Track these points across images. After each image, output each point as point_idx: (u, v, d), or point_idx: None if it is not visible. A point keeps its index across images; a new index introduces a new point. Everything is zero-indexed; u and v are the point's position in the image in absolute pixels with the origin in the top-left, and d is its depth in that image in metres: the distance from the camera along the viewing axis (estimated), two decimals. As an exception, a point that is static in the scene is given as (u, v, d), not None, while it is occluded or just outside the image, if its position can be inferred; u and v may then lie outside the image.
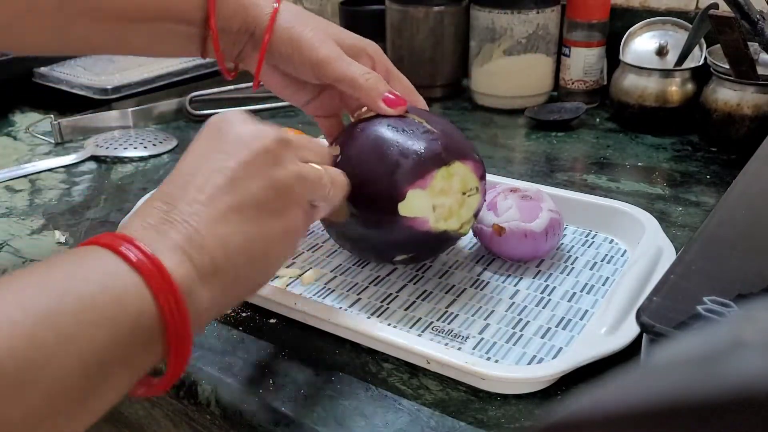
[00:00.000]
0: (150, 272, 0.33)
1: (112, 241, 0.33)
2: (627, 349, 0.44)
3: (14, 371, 0.28)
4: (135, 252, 0.33)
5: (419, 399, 0.44)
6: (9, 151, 0.88)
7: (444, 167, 0.50)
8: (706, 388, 0.13)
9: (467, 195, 0.52)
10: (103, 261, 0.33)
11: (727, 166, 0.76)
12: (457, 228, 0.52)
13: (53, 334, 0.29)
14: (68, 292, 0.31)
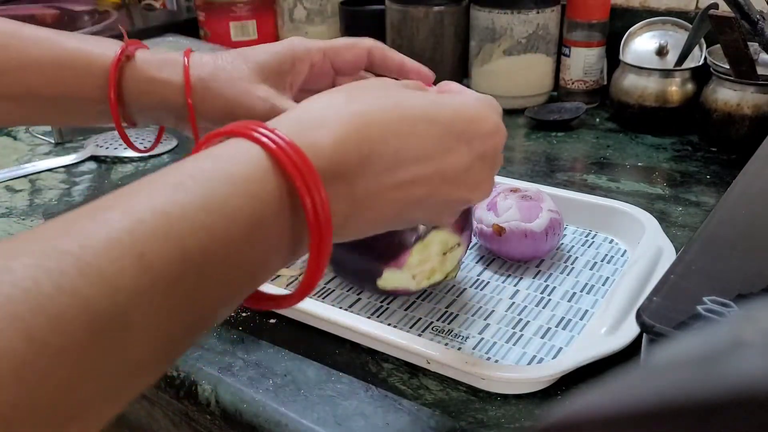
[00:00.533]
0: (296, 166, 0.30)
1: (253, 131, 0.30)
2: (627, 349, 0.44)
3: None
4: (277, 140, 0.30)
5: (419, 399, 0.44)
6: (9, 151, 0.88)
7: (419, 242, 0.49)
8: (706, 388, 0.13)
9: (448, 252, 0.51)
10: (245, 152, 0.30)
11: (727, 166, 0.76)
12: (442, 279, 0.52)
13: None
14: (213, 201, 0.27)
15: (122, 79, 0.46)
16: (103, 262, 0.24)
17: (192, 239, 0.26)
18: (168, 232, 0.26)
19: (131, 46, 0.47)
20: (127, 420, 0.56)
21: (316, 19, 1.12)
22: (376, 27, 1.01)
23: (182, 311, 0.26)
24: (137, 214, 0.26)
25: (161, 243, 0.26)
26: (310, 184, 0.29)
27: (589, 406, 0.15)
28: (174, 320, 0.26)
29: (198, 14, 1.14)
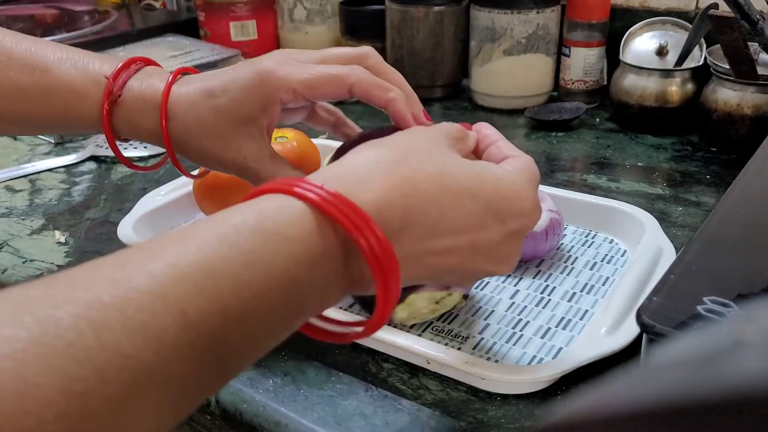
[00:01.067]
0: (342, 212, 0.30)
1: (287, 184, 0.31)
2: (627, 350, 0.44)
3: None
4: (322, 194, 0.30)
5: (419, 399, 0.44)
6: (9, 151, 0.88)
7: (399, 303, 0.48)
8: (706, 388, 0.13)
9: (441, 300, 0.49)
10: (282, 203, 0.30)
11: (727, 166, 0.76)
12: (451, 307, 0.51)
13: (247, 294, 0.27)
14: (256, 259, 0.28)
15: (112, 120, 0.48)
16: (146, 318, 0.24)
17: (234, 298, 0.27)
18: (211, 289, 0.26)
19: (117, 80, 0.47)
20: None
21: (316, 19, 1.12)
22: (376, 27, 1.01)
23: (220, 362, 0.27)
24: (182, 267, 0.26)
25: (204, 300, 0.26)
26: (360, 225, 0.30)
27: (589, 406, 0.15)
28: (211, 371, 0.27)
29: (198, 14, 1.14)
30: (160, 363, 0.24)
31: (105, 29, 1.14)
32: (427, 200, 0.34)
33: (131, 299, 0.24)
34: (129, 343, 0.23)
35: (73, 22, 1.19)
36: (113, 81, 0.47)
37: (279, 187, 0.31)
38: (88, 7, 1.28)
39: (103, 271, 0.25)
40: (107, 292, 0.24)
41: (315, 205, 0.30)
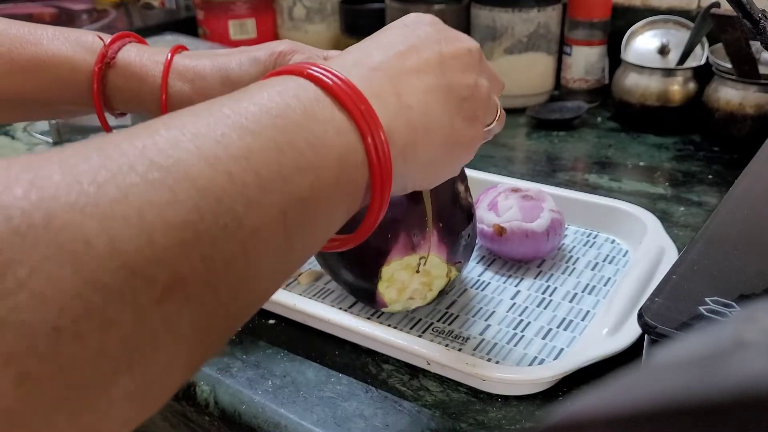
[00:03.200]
0: (352, 101, 0.30)
1: (301, 67, 0.31)
2: (629, 350, 0.44)
3: (215, 214, 0.24)
4: (331, 77, 0.30)
5: (420, 400, 0.44)
6: (7, 150, 0.88)
7: (379, 282, 0.48)
8: (708, 388, 0.13)
9: (421, 267, 0.48)
10: (295, 84, 0.30)
11: (730, 165, 0.76)
12: (446, 282, 0.50)
13: (253, 176, 0.26)
14: (265, 128, 0.27)
15: (106, 87, 0.47)
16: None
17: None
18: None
19: (113, 45, 0.47)
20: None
21: (316, 17, 1.11)
22: (376, 25, 1.00)
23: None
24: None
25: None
26: (370, 124, 0.30)
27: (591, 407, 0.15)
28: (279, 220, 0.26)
29: (197, 13, 1.14)
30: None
31: (103, 28, 1.14)
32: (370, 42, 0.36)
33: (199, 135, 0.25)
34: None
35: (71, 21, 1.19)
36: (108, 46, 0.47)
37: (297, 69, 0.31)
38: (87, 6, 1.28)
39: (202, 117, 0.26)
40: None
41: (336, 97, 0.30)
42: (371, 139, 0.30)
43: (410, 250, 0.47)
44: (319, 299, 0.54)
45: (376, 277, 0.47)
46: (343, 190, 0.30)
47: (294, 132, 0.28)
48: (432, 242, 0.47)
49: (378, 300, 0.49)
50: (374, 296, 0.49)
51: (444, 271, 0.49)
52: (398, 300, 0.49)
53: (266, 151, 0.26)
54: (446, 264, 0.49)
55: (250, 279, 0.26)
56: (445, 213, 0.48)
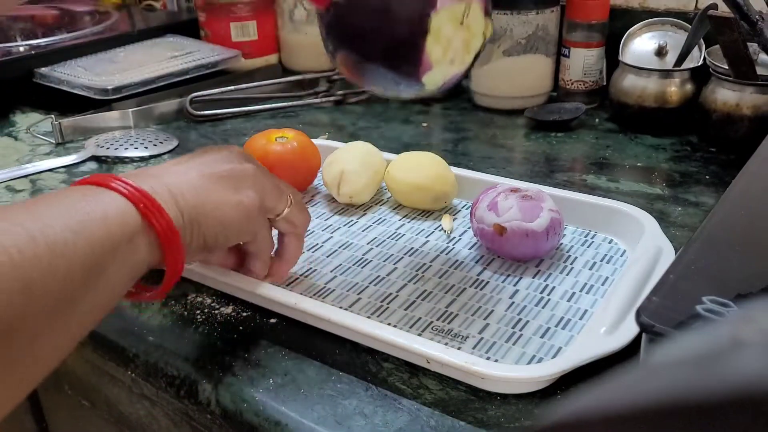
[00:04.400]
0: (133, 195, 0.40)
1: (104, 180, 0.41)
2: (626, 349, 0.44)
3: (13, 272, 0.32)
4: (120, 184, 0.41)
5: (419, 398, 0.44)
6: (10, 151, 0.88)
7: (428, 36, 0.44)
8: (705, 387, 0.13)
9: (465, 18, 0.45)
10: (94, 190, 0.40)
11: (727, 166, 0.77)
12: (482, 41, 0.48)
13: (45, 241, 0.34)
14: (60, 211, 0.37)
15: None
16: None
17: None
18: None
19: None
20: (128, 419, 0.56)
21: (316, 19, 1.11)
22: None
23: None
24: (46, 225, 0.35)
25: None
26: (154, 211, 0.41)
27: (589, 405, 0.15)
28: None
29: (198, 15, 1.14)
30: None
31: (105, 30, 1.14)
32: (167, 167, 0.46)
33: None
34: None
35: (73, 23, 1.19)
36: None
37: (100, 180, 0.41)
38: (89, 8, 1.28)
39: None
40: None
41: (125, 196, 0.40)
42: (160, 227, 0.41)
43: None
44: (319, 298, 0.54)
45: (425, 30, 0.44)
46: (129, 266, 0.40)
47: (104, 241, 0.38)
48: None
49: (424, 61, 0.45)
50: (420, 57, 0.44)
51: (482, 27, 0.47)
52: (442, 61, 0.46)
53: (76, 244, 0.36)
54: (484, 17, 0.47)
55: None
56: None
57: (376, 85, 0.48)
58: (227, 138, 0.90)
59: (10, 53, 1.03)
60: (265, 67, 1.15)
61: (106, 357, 0.52)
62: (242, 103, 1.00)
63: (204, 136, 0.91)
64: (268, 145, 0.69)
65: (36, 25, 1.17)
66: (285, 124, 0.93)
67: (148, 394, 0.51)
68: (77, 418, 0.64)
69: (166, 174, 0.44)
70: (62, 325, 0.35)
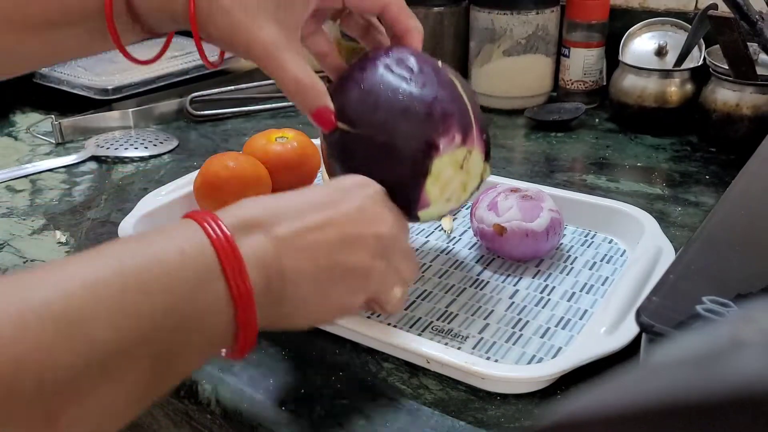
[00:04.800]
0: (225, 252, 0.34)
1: (203, 218, 0.36)
2: (626, 349, 0.44)
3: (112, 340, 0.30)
4: (218, 231, 0.35)
5: (419, 398, 0.44)
6: (10, 151, 0.88)
7: (428, 177, 0.46)
8: (705, 387, 0.13)
9: (465, 163, 0.48)
10: (189, 232, 0.35)
11: (726, 166, 0.77)
12: (479, 182, 0.50)
13: (137, 333, 0.31)
14: (159, 293, 0.32)
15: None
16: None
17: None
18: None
19: None
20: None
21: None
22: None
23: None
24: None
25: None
26: (235, 270, 0.34)
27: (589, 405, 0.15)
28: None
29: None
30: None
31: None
32: (280, 200, 0.40)
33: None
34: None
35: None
36: None
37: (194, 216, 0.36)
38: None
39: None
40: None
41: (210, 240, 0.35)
42: (242, 313, 0.35)
43: (460, 144, 0.47)
44: (319, 299, 0.54)
45: (426, 172, 0.46)
46: (208, 350, 0.35)
47: (181, 302, 0.33)
48: (476, 137, 0.48)
49: (422, 198, 0.46)
50: (419, 195, 0.46)
51: (480, 170, 0.49)
52: (439, 199, 0.47)
53: (153, 314, 0.32)
54: (483, 162, 0.49)
55: (118, 413, 0.32)
56: (478, 112, 0.49)
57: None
58: (227, 138, 0.90)
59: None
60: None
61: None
62: (242, 103, 1.00)
63: (204, 136, 0.91)
64: (268, 145, 0.69)
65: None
66: (285, 124, 0.93)
67: (148, 394, 0.51)
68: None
69: (291, 239, 0.37)
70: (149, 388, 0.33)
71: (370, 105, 0.46)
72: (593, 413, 0.15)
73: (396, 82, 0.47)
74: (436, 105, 0.46)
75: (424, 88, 0.46)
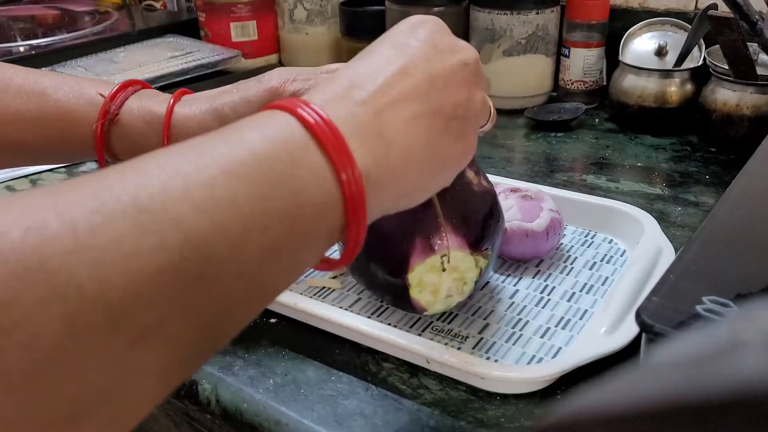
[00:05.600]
0: (331, 144, 0.31)
1: (291, 104, 0.32)
2: (626, 349, 0.44)
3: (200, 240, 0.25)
4: (315, 117, 0.31)
5: (419, 398, 0.44)
6: (9, 151, 0.88)
7: (410, 288, 0.48)
8: (705, 388, 0.13)
9: (444, 268, 0.48)
10: (282, 124, 0.31)
11: (726, 166, 0.77)
12: (476, 277, 0.49)
13: (237, 223, 0.27)
14: (252, 174, 0.28)
15: (110, 139, 0.48)
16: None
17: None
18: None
19: (115, 100, 0.48)
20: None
21: (316, 19, 1.12)
22: (376, 27, 1.00)
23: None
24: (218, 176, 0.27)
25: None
26: (345, 161, 0.31)
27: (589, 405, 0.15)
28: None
29: (198, 15, 1.14)
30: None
31: (106, 30, 1.14)
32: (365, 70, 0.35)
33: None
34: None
35: (73, 23, 1.19)
36: (110, 101, 0.48)
37: (284, 105, 0.32)
38: (89, 8, 1.28)
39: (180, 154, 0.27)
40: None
41: (310, 128, 0.31)
42: (347, 182, 0.31)
43: (429, 252, 0.47)
44: (319, 298, 0.54)
45: (406, 286, 0.48)
46: (317, 234, 0.31)
47: (279, 180, 0.29)
48: (449, 239, 0.47)
49: (416, 306, 0.49)
50: (412, 304, 0.49)
51: (471, 263, 0.48)
52: (436, 301, 0.48)
53: (251, 198, 0.27)
54: (471, 255, 0.48)
55: (224, 314, 0.27)
56: (456, 206, 0.47)
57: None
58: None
59: (10, 53, 1.03)
60: (265, 67, 1.14)
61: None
62: (242, 103, 1.00)
63: (204, 136, 0.91)
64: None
65: (36, 25, 1.17)
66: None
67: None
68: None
69: (377, 103, 0.33)
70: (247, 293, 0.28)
71: None
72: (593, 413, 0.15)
73: None
74: (398, 218, 0.42)
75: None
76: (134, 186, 0.25)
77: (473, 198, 0.49)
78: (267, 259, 0.28)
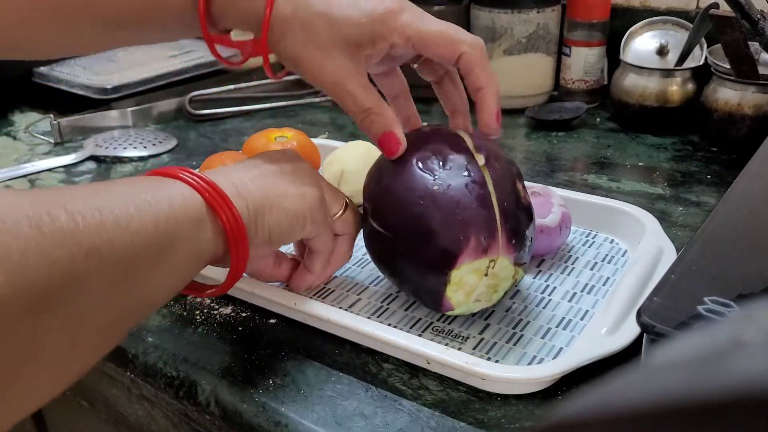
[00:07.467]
0: (199, 185, 0.40)
1: (172, 171, 0.41)
2: (627, 350, 0.44)
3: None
4: (187, 174, 0.41)
5: (419, 399, 0.44)
6: (8, 150, 0.88)
7: (448, 286, 0.47)
8: (706, 388, 0.13)
9: (490, 270, 0.47)
10: (160, 180, 0.40)
11: (728, 165, 0.76)
12: (511, 283, 0.49)
13: (111, 213, 0.34)
14: (126, 192, 0.36)
15: (210, 7, 0.49)
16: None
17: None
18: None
19: None
20: (127, 420, 0.56)
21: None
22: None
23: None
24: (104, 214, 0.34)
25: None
26: (219, 201, 0.41)
27: (590, 406, 0.15)
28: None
29: (198, 14, 1.14)
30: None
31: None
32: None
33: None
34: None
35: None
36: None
37: (170, 172, 0.41)
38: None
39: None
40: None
41: (195, 188, 0.40)
42: (225, 216, 0.41)
43: (481, 254, 0.46)
44: (319, 299, 0.54)
45: (445, 281, 0.46)
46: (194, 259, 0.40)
47: (169, 221, 0.37)
48: (501, 245, 0.46)
49: (444, 303, 0.48)
50: (441, 300, 0.48)
51: (511, 273, 0.48)
52: (465, 303, 0.48)
53: (141, 220, 0.35)
54: (513, 266, 0.48)
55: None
56: (511, 215, 0.47)
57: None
58: (227, 137, 0.90)
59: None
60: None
61: (105, 357, 0.52)
62: (242, 102, 1.00)
63: (203, 136, 0.91)
64: (267, 145, 0.68)
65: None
66: (285, 123, 0.93)
67: (147, 394, 0.51)
68: (76, 419, 0.64)
69: (227, 171, 0.44)
70: (122, 299, 0.34)
71: (393, 207, 0.48)
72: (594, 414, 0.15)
73: (420, 182, 0.47)
74: (455, 213, 0.45)
75: (448, 190, 0.46)
76: (57, 210, 0.32)
77: (522, 210, 0.48)
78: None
